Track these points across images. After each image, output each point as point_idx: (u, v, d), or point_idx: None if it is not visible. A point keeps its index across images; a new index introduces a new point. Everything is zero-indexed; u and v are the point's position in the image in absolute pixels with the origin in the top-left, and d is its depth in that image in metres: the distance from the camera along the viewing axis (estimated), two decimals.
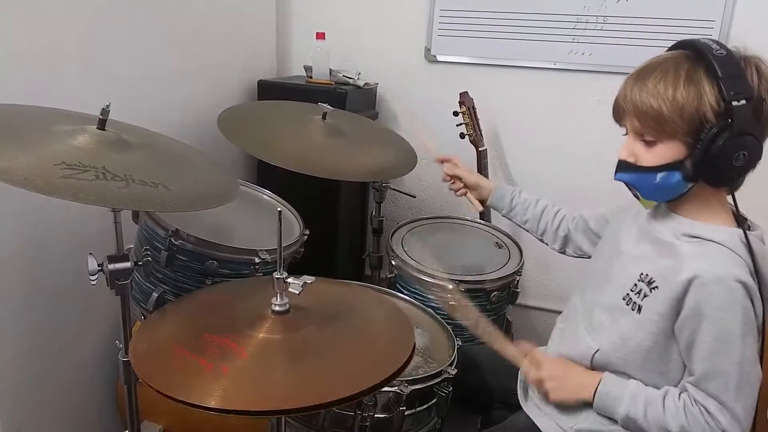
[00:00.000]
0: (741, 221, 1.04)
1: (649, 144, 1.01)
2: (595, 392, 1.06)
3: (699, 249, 0.98)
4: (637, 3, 1.89)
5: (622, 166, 1.05)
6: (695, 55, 0.97)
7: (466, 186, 1.51)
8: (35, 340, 1.43)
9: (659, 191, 1.03)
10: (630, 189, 1.07)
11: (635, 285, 1.04)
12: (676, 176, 0.99)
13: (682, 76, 0.96)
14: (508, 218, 1.46)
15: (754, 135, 0.93)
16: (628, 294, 1.05)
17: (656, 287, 1.00)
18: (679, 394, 1.00)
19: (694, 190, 1.00)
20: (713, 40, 0.96)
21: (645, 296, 1.02)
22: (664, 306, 0.98)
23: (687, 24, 1.85)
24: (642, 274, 1.03)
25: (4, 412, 1.37)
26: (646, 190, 1.04)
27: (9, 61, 1.25)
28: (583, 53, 2.00)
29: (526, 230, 1.45)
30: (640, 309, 1.02)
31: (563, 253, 1.41)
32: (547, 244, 1.43)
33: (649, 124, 0.99)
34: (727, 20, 1.82)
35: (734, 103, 0.91)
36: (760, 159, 0.96)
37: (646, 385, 1.04)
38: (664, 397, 1.01)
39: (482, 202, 1.51)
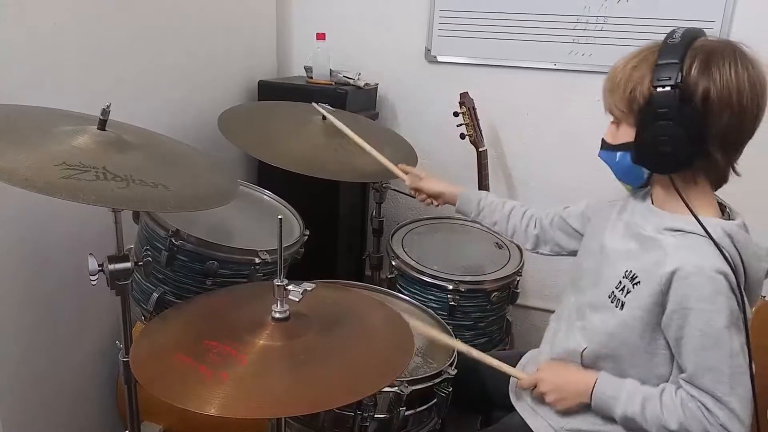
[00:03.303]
0: (722, 211, 1.04)
1: (615, 124, 1.06)
2: (591, 393, 1.06)
3: (681, 241, 0.98)
4: (637, 3, 1.89)
5: (602, 144, 1.10)
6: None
7: (429, 196, 1.48)
8: (35, 340, 1.43)
9: (622, 172, 1.07)
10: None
11: (620, 282, 1.04)
12: (627, 158, 1.02)
13: (634, 61, 0.99)
14: (477, 222, 1.45)
15: (681, 122, 0.92)
16: (613, 291, 1.05)
17: (638, 282, 1.00)
18: (676, 390, 1.00)
19: (668, 181, 1.00)
20: (687, 30, 0.97)
21: (628, 292, 1.02)
22: (647, 300, 0.98)
23: (687, 24, 1.83)
24: (627, 271, 1.03)
25: (4, 412, 1.37)
26: (614, 169, 1.08)
27: (9, 61, 1.25)
28: (583, 53, 2.00)
29: (496, 232, 1.44)
30: (622, 305, 1.02)
31: (537, 252, 1.39)
32: (519, 245, 1.42)
33: (609, 107, 1.05)
34: (727, 20, 1.82)
35: (658, 89, 0.93)
36: (695, 150, 0.94)
37: (634, 379, 1.04)
38: (661, 394, 1.00)
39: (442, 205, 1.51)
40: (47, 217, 1.38)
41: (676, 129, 0.93)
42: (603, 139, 1.09)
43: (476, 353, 1.19)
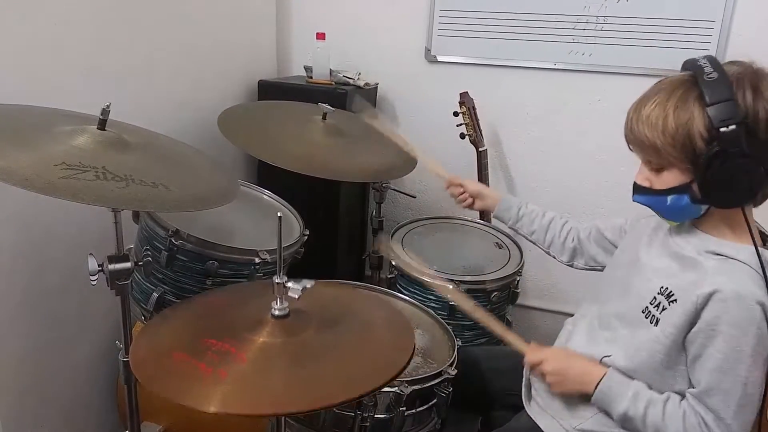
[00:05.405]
0: (764, 239, 1.03)
1: (656, 171, 1.02)
2: (597, 386, 1.06)
3: (723, 266, 0.98)
4: (637, 3, 1.89)
5: (638, 189, 1.06)
6: (691, 79, 0.95)
7: (470, 195, 1.49)
8: (35, 340, 1.43)
9: (675, 212, 1.04)
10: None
11: (654, 298, 1.03)
12: (685, 199, 0.99)
13: (672, 103, 0.96)
14: (514, 229, 1.45)
15: (753, 155, 0.91)
16: (647, 307, 1.04)
17: (675, 300, 1.00)
18: (680, 401, 1.01)
19: (725, 212, 1.00)
20: (710, 60, 0.94)
21: (663, 309, 1.01)
22: (681, 318, 0.98)
23: (687, 24, 1.85)
24: (662, 287, 1.03)
25: (4, 412, 1.37)
26: (663, 211, 1.05)
27: (9, 61, 1.25)
28: (582, 53, 2.00)
29: (532, 242, 1.43)
30: (657, 322, 1.02)
31: (571, 265, 1.38)
32: (554, 257, 1.40)
33: (648, 154, 1.01)
34: (727, 20, 1.82)
35: (722, 129, 0.90)
36: (767, 178, 0.93)
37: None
38: (665, 402, 1.01)
39: (484, 213, 1.49)
40: (47, 217, 1.38)
41: (751, 163, 0.92)
42: (638, 185, 1.06)
43: (476, 314, 1.22)
